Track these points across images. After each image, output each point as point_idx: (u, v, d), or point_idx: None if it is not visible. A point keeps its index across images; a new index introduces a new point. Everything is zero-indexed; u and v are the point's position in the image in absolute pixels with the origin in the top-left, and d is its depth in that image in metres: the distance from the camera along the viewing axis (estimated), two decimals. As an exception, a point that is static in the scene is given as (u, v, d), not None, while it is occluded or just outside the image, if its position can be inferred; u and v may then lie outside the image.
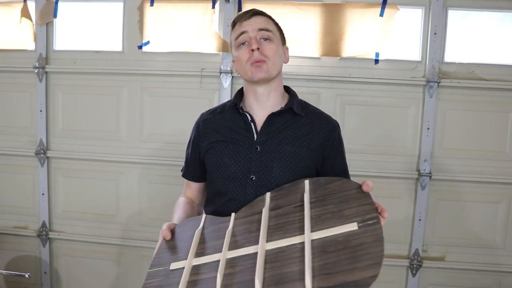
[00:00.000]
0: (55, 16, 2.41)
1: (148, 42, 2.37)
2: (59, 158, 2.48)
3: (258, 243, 0.91)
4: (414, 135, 2.27)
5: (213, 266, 0.92)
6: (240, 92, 1.28)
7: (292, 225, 0.93)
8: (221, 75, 2.29)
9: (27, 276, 2.10)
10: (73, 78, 2.43)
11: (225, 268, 0.90)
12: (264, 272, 0.83)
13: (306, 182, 1.03)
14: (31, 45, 2.44)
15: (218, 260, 0.92)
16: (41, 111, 2.44)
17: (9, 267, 2.55)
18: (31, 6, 2.41)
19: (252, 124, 1.19)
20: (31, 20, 2.42)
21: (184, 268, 0.96)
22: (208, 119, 1.27)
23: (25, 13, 2.41)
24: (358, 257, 0.76)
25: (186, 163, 1.34)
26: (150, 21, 2.35)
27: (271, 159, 1.15)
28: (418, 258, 2.30)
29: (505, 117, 2.22)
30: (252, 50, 1.14)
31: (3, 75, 2.48)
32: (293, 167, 1.14)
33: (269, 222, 0.97)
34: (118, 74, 2.39)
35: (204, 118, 1.29)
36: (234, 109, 1.24)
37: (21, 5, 2.41)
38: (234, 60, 1.23)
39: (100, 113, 2.44)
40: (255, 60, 1.14)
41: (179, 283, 0.91)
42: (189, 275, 0.94)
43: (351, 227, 0.83)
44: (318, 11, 2.25)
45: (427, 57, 2.22)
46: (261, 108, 1.21)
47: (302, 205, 0.96)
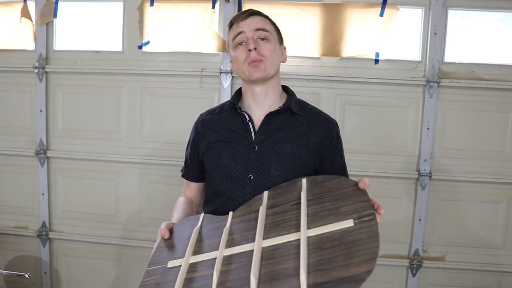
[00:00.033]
0: (55, 16, 2.41)
1: (148, 42, 2.37)
2: (59, 158, 2.48)
3: (255, 241, 0.91)
4: (414, 135, 2.27)
5: (210, 264, 0.93)
6: (238, 92, 1.28)
7: (289, 223, 0.93)
8: (221, 75, 2.29)
9: (27, 276, 2.10)
10: (73, 78, 2.43)
11: (221, 265, 0.90)
12: (260, 269, 0.83)
13: (304, 181, 1.03)
14: (31, 45, 2.44)
15: (215, 258, 0.93)
16: (41, 111, 2.44)
17: (9, 267, 2.55)
18: (31, 6, 2.41)
19: (250, 123, 1.20)
20: (31, 20, 2.42)
21: (181, 265, 0.96)
22: (207, 120, 1.28)
23: (25, 13, 2.41)
24: (353, 253, 0.76)
25: (185, 163, 1.35)
26: (150, 21, 2.35)
27: (269, 158, 1.15)
28: (418, 258, 2.30)
29: (505, 117, 2.22)
30: (249, 50, 1.14)
31: (3, 75, 2.48)
32: (291, 166, 1.14)
33: (266, 220, 0.97)
34: (118, 74, 2.39)
35: (203, 118, 1.30)
36: (232, 109, 1.24)
37: (21, 5, 2.41)
38: (232, 60, 1.23)
39: (100, 113, 2.44)
40: (252, 60, 1.14)
41: (176, 280, 0.92)
42: (186, 272, 0.94)
43: (347, 223, 0.83)
44: (318, 11, 2.25)
45: (427, 57, 2.22)
46: (259, 108, 1.21)
47: (299, 203, 0.96)
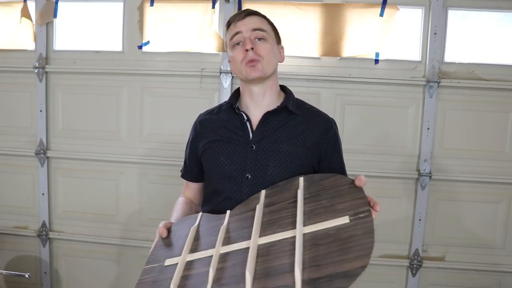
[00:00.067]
0: (55, 16, 2.41)
1: (148, 42, 2.37)
2: (59, 158, 2.48)
3: (251, 238, 0.91)
4: (414, 135, 2.27)
5: (206, 261, 0.93)
6: (237, 92, 1.29)
7: (285, 220, 0.93)
8: (221, 75, 2.30)
9: (27, 276, 2.10)
10: (73, 78, 2.43)
11: (218, 263, 0.90)
12: (256, 266, 0.84)
13: (301, 179, 1.03)
14: (31, 45, 2.44)
15: (212, 256, 0.93)
16: (41, 111, 2.44)
17: (9, 267, 2.55)
18: (31, 6, 2.41)
19: (247, 123, 1.20)
20: (31, 20, 2.42)
21: (178, 263, 0.97)
22: (205, 120, 1.29)
23: (25, 13, 2.41)
24: (348, 248, 0.76)
25: (184, 163, 1.35)
26: (150, 21, 2.35)
27: (266, 157, 1.15)
28: (418, 258, 2.30)
29: (505, 117, 2.22)
30: (247, 50, 1.15)
31: (3, 75, 2.48)
32: (288, 165, 1.14)
33: (263, 218, 0.97)
34: (118, 74, 2.39)
35: (201, 118, 1.30)
36: (230, 109, 1.24)
37: (21, 5, 2.41)
38: (230, 60, 1.23)
39: (100, 113, 2.44)
40: (249, 60, 1.15)
41: (173, 278, 0.92)
42: (183, 270, 0.95)
43: (343, 220, 0.84)
44: (318, 11, 2.25)
45: (427, 57, 2.22)
46: (257, 107, 1.22)
47: (296, 201, 0.96)
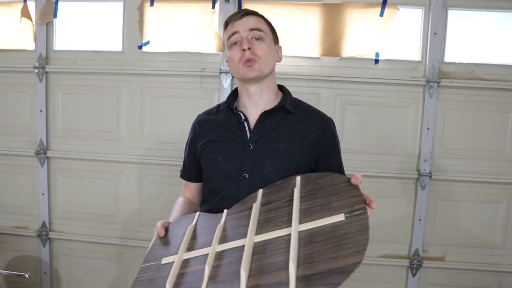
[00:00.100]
0: (55, 16, 2.41)
1: (148, 42, 2.37)
2: (59, 158, 2.48)
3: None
4: (414, 135, 2.27)
5: (202, 259, 0.94)
6: (234, 92, 1.29)
7: (281, 218, 0.93)
8: (221, 75, 2.30)
9: (27, 276, 2.10)
10: (73, 78, 2.43)
11: (214, 261, 0.91)
12: (251, 263, 0.84)
13: (298, 178, 1.04)
14: (31, 45, 2.44)
15: (208, 254, 0.94)
16: (41, 111, 2.44)
17: (9, 267, 2.55)
18: (31, 6, 2.41)
19: (245, 123, 1.20)
20: (31, 20, 2.42)
21: (174, 262, 0.97)
22: (204, 120, 1.29)
23: (25, 13, 2.41)
24: (343, 245, 0.77)
25: (184, 163, 1.36)
26: (150, 21, 2.35)
27: (263, 157, 1.16)
28: (418, 258, 2.30)
29: (505, 117, 2.22)
30: (244, 50, 1.15)
31: (3, 75, 2.48)
32: (286, 164, 1.15)
33: (259, 217, 0.98)
34: (118, 74, 2.39)
35: (200, 119, 1.31)
36: (228, 109, 1.25)
37: (21, 5, 2.41)
38: (228, 60, 1.24)
39: (100, 113, 2.44)
40: (246, 60, 1.15)
41: (169, 276, 0.93)
42: (179, 268, 0.95)
43: (338, 218, 0.84)
44: (318, 11, 2.25)
45: (427, 57, 2.22)
46: (254, 107, 1.22)
47: (292, 200, 0.96)
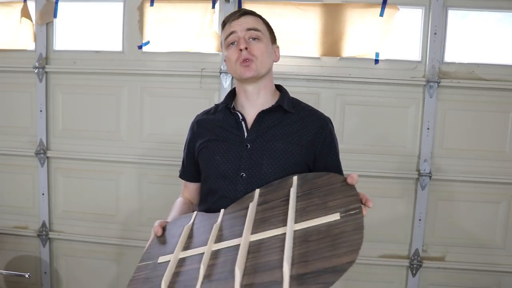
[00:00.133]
0: (55, 16, 2.41)
1: (148, 42, 2.37)
2: (59, 158, 2.48)
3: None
4: (414, 135, 2.27)
5: (198, 258, 0.94)
6: (232, 92, 1.30)
7: (277, 218, 0.93)
8: (221, 75, 2.29)
9: (27, 276, 2.10)
10: (73, 78, 2.43)
11: (209, 259, 0.91)
12: (246, 262, 0.84)
13: (295, 178, 1.04)
14: (31, 45, 2.44)
15: (204, 253, 0.94)
16: (41, 111, 2.44)
17: (9, 267, 2.55)
18: (31, 6, 2.41)
19: (243, 122, 1.21)
20: (31, 20, 2.42)
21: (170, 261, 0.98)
22: (202, 120, 1.30)
23: (25, 13, 2.41)
24: (337, 244, 0.77)
25: (183, 164, 1.37)
26: (150, 21, 2.35)
27: (260, 156, 1.16)
28: (418, 258, 2.30)
29: (505, 117, 2.22)
30: (241, 50, 1.16)
31: (3, 75, 2.48)
32: (283, 164, 1.15)
33: (255, 216, 0.98)
34: (118, 74, 2.39)
35: (198, 119, 1.32)
36: (226, 109, 1.25)
37: (21, 5, 2.41)
38: (225, 60, 1.24)
39: (100, 113, 2.44)
40: (243, 59, 1.15)
41: (164, 274, 0.93)
42: (175, 267, 0.96)
43: (334, 217, 0.84)
44: (318, 11, 2.25)
45: (427, 57, 2.22)
46: (252, 107, 1.22)
47: (289, 199, 0.97)
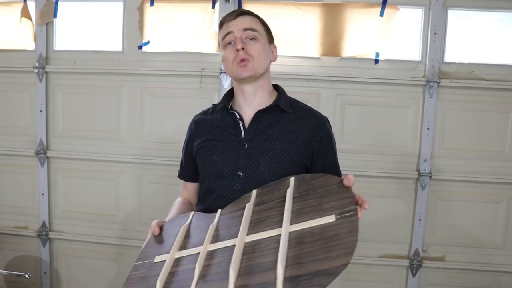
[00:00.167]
0: (55, 16, 2.41)
1: (148, 42, 2.37)
2: (59, 158, 2.48)
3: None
4: (414, 135, 2.27)
5: (194, 258, 0.94)
6: (230, 92, 1.30)
7: (273, 219, 0.93)
8: (221, 75, 2.29)
9: (27, 276, 2.10)
10: (73, 78, 2.43)
11: (204, 260, 0.91)
12: (241, 263, 0.84)
13: (292, 179, 1.04)
14: (31, 45, 2.44)
15: (199, 253, 0.94)
16: (41, 111, 2.44)
17: (9, 267, 2.55)
18: (31, 6, 2.41)
19: (240, 122, 1.21)
20: (31, 20, 2.42)
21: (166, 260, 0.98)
22: (200, 120, 1.30)
23: (25, 13, 2.41)
24: (331, 247, 0.77)
25: (181, 164, 1.37)
26: (150, 21, 2.35)
27: (257, 155, 1.16)
28: (418, 258, 2.30)
29: (505, 117, 2.22)
30: (237, 50, 1.16)
31: (3, 75, 2.48)
32: (280, 163, 1.15)
33: (252, 217, 0.98)
34: (118, 74, 2.39)
35: (196, 119, 1.32)
36: (224, 109, 1.26)
37: (21, 5, 2.41)
38: (223, 60, 1.25)
39: (100, 113, 2.44)
40: (240, 59, 1.16)
41: (160, 274, 0.93)
42: (171, 266, 0.96)
43: (329, 219, 0.84)
44: (318, 11, 2.25)
45: (427, 57, 2.22)
46: (249, 106, 1.23)
47: (285, 200, 0.97)
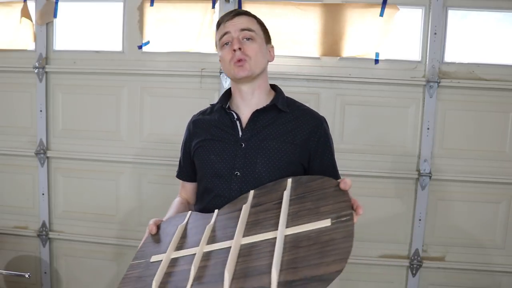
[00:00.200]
0: (55, 16, 2.41)
1: (148, 42, 2.37)
2: (59, 158, 2.48)
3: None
4: (414, 135, 2.27)
5: (190, 259, 0.94)
6: (228, 92, 1.31)
7: (269, 221, 0.93)
8: (221, 75, 2.29)
9: (27, 276, 2.10)
10: (73, 78, 2.43)
11: (200, 261, 0.91)
12: (236, 265, 0.84)
13: (289, 181, 1.04)
14: (31, 45, 2.44)
15: (195, 253, 0.94)
16: (41, 111, 2.44)
17: (9, 267, 2.55)
18: (31, 6, 2.41)
19: (237, 122, 1.22)
20: (31, 20, 2.42)
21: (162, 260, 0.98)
22: (198, 120, 1.31)
23: (25, 13, 2.41)
24: (326, 252, 0.76)
25: (179, 164, 1.38)
26: (150, 21, 2.35)
27: (255, 155, 1.17)
28: (418, 258, 2.30)
29: (505, 117, 2.22)
30: (234, 50, 1.17)
31: (3, 75, 2.48)
32: (276, 162, 1.16)
33: (248, 218, 0.98)
34: (118, 74, 2.39)
35: (194, 119, 1.33)
36: (221, 109, 1.26)
37: (21, 5, 2.41)
38: (220, 60, 1.25)
39: (100, 113, 2.44)
40: (237, 59, 1.17)
41: (156, 274, 0.93)
42: (167, 267, 0.96)
43: (325, 223, 0.83)
44: (318, 11, 2.25)
45: (427, 57, 2.22)
46: (247, 106, 1.23)
47: (282, 202, 0.96)
